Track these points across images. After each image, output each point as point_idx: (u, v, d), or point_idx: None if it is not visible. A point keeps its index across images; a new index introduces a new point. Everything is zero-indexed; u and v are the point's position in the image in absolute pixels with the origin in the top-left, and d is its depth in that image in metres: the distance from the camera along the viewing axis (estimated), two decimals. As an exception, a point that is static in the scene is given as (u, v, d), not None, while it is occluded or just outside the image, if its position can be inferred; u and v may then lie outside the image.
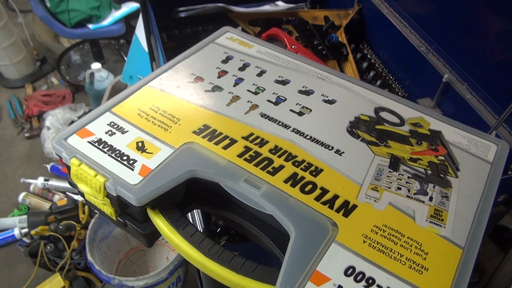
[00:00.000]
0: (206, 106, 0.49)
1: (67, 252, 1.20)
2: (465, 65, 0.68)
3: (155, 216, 0.41)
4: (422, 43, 0.76)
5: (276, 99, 0.51)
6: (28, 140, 1.74)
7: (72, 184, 0.45)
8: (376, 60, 0.86)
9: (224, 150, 0.43)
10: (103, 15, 1.84)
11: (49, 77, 2.03)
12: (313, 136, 0.46)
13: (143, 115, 0.47)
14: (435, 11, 0.74)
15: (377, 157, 0.45)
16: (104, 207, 0.43)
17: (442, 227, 0.38)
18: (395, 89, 0.81)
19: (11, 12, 2.12)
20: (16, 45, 1.88)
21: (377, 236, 0.37)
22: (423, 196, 0.41)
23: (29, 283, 1.24)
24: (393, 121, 0.50)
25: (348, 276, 0.34)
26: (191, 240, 0.38)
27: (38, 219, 1.23)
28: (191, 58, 0.57)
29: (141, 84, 0.52)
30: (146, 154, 0.43)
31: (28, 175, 1.58)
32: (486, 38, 0.65)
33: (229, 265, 0.36)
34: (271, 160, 0.43)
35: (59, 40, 2.15)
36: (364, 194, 0.41)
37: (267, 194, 0.39)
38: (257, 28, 0.86)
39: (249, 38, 0.62)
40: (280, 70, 0.56)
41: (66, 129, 0.45)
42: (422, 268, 0.35)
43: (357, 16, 0.91)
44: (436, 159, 0.45)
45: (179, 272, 1.14)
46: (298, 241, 0.36)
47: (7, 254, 1.36)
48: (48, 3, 1.80)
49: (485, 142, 0.48)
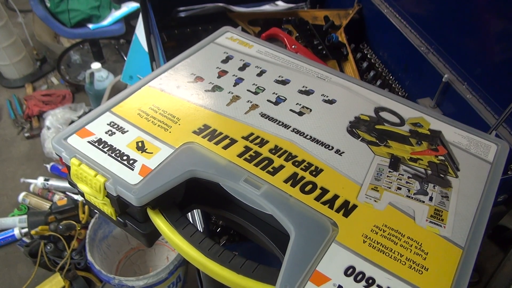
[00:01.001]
0: (206, 106, 0.49)
1: (67, 252, 1.19)
2: (465, 65, 0.68)
3: (155, 216, 0.41)
4: (422, 43, 0.76)
5: (276, 99, 0.51)
6: (28, 140, 1.74)
7: (72, 184, 0.45)
8: (376, 60, 0.86)
9: (224, 150, 0.43)
10: (103, 15, 1.84)
11: (49, 77, 2.03)
12: (313, 136, 0.46)
13: (143, 115, 0.47)
14: (435, 11, 0.74)
15: (377, 157, 0.45)
16: (104, 207, 0.43)
17: (442, 227, 0.38)
18: (395, 89, 0.81)
19: (11, 12, 2.12)
20: (16, 45, 1.88)
21: (377, 236, 0.37)
22: (423, 196, 0.41)
23: (29, 283, 1.24)
24: (393, 121, 0.50)
25: (348, 276, 0.34)
26: (191, 240, 0.38)
27: (38, 219, 1.23)
28: (191, 58, 0.57)
29: (141, 84, 0.52)
30: (146, 154, 0.43)
31: (28, 175, 1.58)
32: (486, 38, 0.65)
33: (229, 265, 0.36)
34: (271, 160, 0.43)
35: (59, 40, 2.15)
36: (364, 194, 0.41)
37: (267, 194, 0.39)
38: (257, 28, 0.86)
39: (249, 38, 0.62)
40: (280, 70, 0.56)
41: (66, 129, 0.45)
42: (422, 268, 0.35)
43: (357, 16, 0.91)
44: (436, 159, 0.45)
45: (179, 272, 1.14)
46: (298, 241, 0.36)
47: (7, 254, 1.36)
48: (48, 3, 1.80)
49: (485, 142, 0.48)
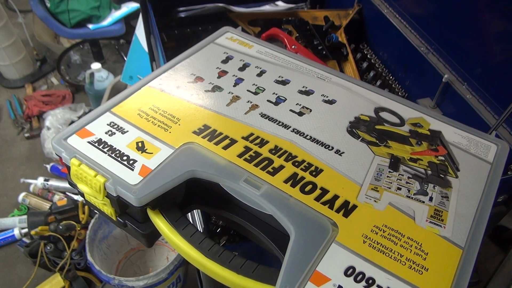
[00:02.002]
0: (206, 106, 0.49)
1: (67, 252, 1.19)
2: (465, 65, 0.68)
3: (155, 216, 0.41)
4: (422, 43, 0.76)
5: (276, 99, 0.51)
6: (28, 140, 1.74)
7: (72, 184, 0.45)
8: (376, 60, 0.86)
9: (224, 150, 0.43)
10: (103, 15, 1.84)
11: (49, 77, 2.03)
12: (313, 136, 0.46)
13: (143, 115, 0.47)
14: (435, 11, 0.74)
15: (377, 157, 0.45)
16: (104, 207, 0.43)
17: (442, 227, 0.38)
18: (395, 89, 0.81)
19: (11, 12, 2.12)
20: (16, 45, 1.88)
21: (377, 236, 0.37)
22: (423, 196, 0.41)
23: (29, 283, 1.24)
24: (393, 121, 0.50)
25: (348, 276, 0.34)
26: (191, 240, 0.38)
27: (38, 219, 1.23)
28: (191, 58, 0.57)
29: (141, 84, 0.52)
30: (146, 154, 0.43)
31: (28, 175, 1.58)
32: (486, 38, 0.65)
33: (229, 265, 0.36)
34: (271, 160, 0.43)
35: (59, 40, 2.15)
36: (364, 194, 0.41)
37: (267, 194, 0.39)
38: (257, 28, 0.86)
39: (249, 38, 0.62)
40: (280, 70, 0.56)
41: (66, 129, 0.45)
42: (422, 268, 0.35)
43: (357, 16, 0.91)
44: (436, 159, 0.45)
45: (179, 272, 1.14)
46: (298, 241, 0.36)
47: (7, 254, 1.36)
48: (48, 3, 1.80)
49: (485, 142, 0.48)
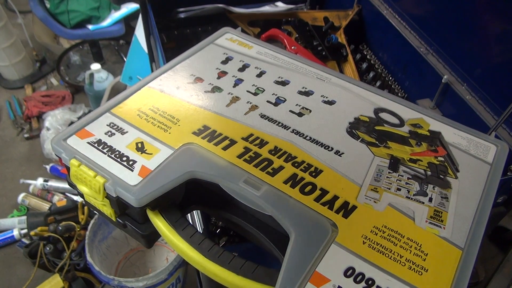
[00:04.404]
0: (205, 107, 0.49)
1: (66, 253, 1.19)
2: (464, 66, 0.68)
3: (154, 217, 0.41)
4: (422, 44, 0.76)
5: (276, 100, 0.51)
6: (27, 141, 1.74)
7: (71, 185, 0.45)
8: (375, 61, 0.86)
9: (224, 151, 0.43)
10: (102, 16, 1.84)
11: (49, 77, 2.03)
12: (312, 137, 0.46)
13: (142, 116, 0.47)
14: (434, 12, 0.74)
15: (377, 158, 0.45)
16: (104, 208, 0.43)
17: (442, 228, 0.38)
18: (394, 90, 0.81)
19: (10, 13, 2.12)
20: (15, 46, 1.88)
21: (376, 237, 0.37)
22: (422, 197, 0.41)
23: (29, 284, 1.24)
24: (393, 122, 0.50)
25: (348, 277, 0.34)
26: (190, 241, 0.38)
27: (38, 220, 1.22)
28: (190, 59, 0.57)
29: (140, 85, 0.52)
30: (146, 155, 0.43)
31: (27, 176, 1.58)
32: (485, 39, 0.65)
33: (229, 266, 0.36)
34: (270, 161, 0.43)
35: (59, 41, 2.15)
36: (364, 195, 0.41)
37: (266, 195, 0.39)
38: (256, 29, 0.86)
39: (249, 39, 0.62)
40: (280, 71, 0.56)
41: (65, 129, 0.45)
42: (421, 269, 0.35)
43: (356, 17, 0.91)
44: (435, 160, 0.45)
45: (179, 273, 1.13)
46: (297, 242, 0.36)
47: (7, 255, 1.36)
48: (47, 4, 1.80)
49: (484, 143, 0.48)
